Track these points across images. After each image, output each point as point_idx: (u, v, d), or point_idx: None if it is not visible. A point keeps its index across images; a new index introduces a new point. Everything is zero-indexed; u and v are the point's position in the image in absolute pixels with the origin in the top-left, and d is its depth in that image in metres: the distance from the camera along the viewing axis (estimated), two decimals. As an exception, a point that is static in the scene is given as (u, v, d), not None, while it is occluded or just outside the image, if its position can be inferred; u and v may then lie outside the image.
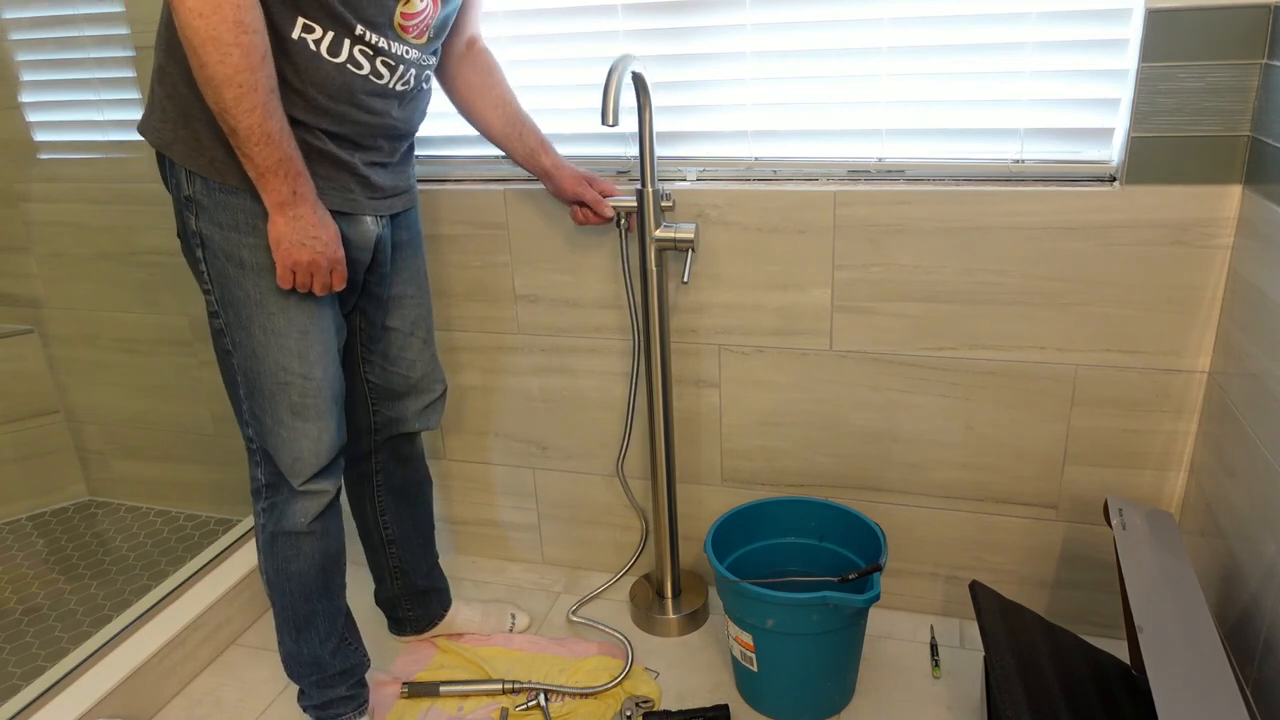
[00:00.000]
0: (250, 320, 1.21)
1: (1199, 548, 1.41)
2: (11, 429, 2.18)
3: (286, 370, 1.23)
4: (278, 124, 1.09)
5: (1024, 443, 1.53)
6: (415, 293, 1.43)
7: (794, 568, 1.63)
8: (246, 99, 1.05)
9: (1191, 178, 1.31)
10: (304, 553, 1.34)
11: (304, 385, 1.24)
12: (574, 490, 1.84)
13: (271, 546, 1.33)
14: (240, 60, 1.03)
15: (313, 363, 1.24)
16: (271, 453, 1.28)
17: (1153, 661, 1.03)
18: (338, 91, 1.16)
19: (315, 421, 1.26)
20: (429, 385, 1.49)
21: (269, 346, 1.22)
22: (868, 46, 1.41)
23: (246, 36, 1.03)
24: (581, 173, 1.51)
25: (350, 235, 1.26)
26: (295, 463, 1.27)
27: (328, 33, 1.12)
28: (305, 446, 1.27)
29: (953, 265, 1.46)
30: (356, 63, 1.16)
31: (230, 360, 1.26)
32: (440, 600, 1.67)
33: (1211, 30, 1.24)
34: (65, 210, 2.01)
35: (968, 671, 1.56)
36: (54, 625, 1.81)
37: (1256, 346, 1.23)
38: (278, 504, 1.31)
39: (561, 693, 1.53)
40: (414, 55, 1.22)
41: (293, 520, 1.31)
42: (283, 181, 1.11)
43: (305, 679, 1.42)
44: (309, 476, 1.29)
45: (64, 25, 1.81)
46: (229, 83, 1.04)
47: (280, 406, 1.24)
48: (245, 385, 1.26)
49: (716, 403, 1.67)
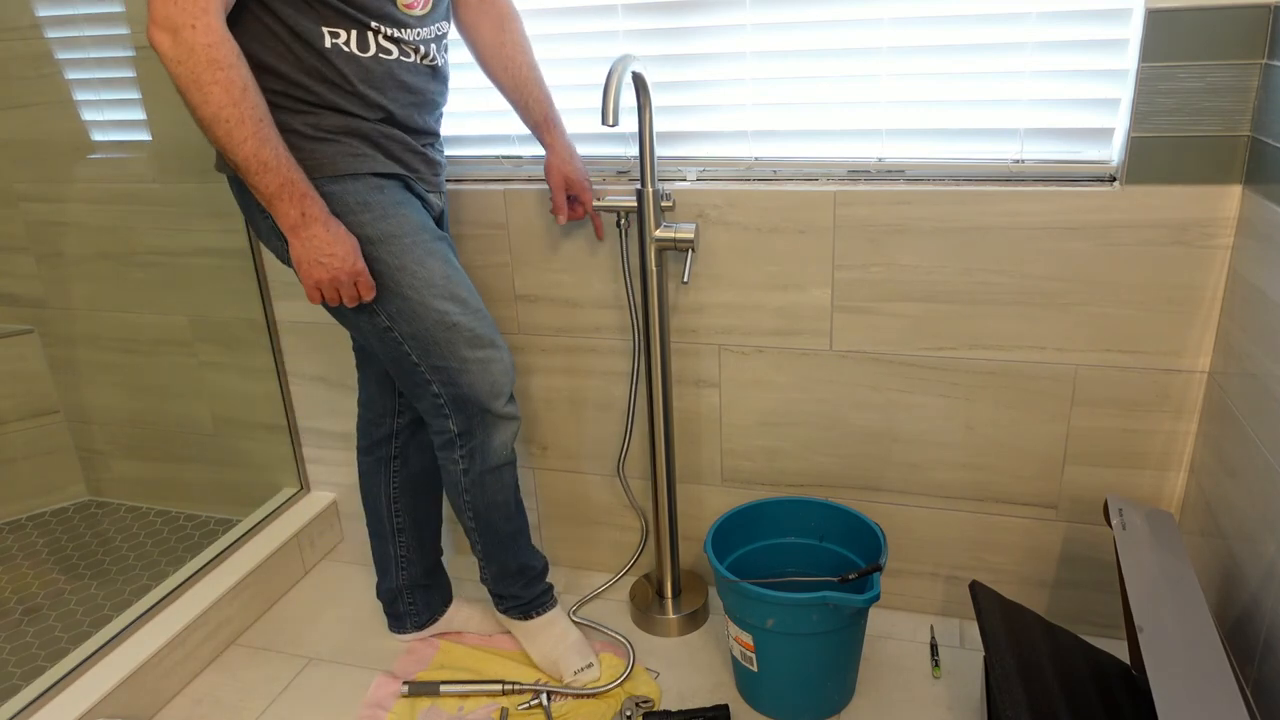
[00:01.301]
0: (399, 285, 1.28)
1: (1199, 548, 1.41)
2: (11, 429, 2.18)
3: (448, 314, 1.32)
4: (272, 151, 1.14)
5: (1024, 443, 1.53)
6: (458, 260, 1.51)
7: (794, 568, 1.63)
8: (236, 132, 1.11)
9: (1191, 178, 1.31)
10: (506, 483, 1.46)
11: (468, 318, 1.34)
12: (574, 490, 1.84)
13: (480, 486, 1.44)
14: (221, 96, 1.09)
15: (465, 298, 1.34)
16: (467, 393, 1.36)
17: (1153, 661, 1.03)
18: (382, 81, 1.24)
19: (491, 346, 1.37)
20: None
21: (425, 300, 1.30)
22: (868, 46, 1.41)
23: (223, 72, 1.08)
24: (573, 169, 1.50)
25: (428, 199, 1.38)
26: (493, 387, 1.37)
27: (351, 32, 1.20)
28: (496, 369, 1.37)
29: (953, 265, 1.46)
30: (385, 49, 1.23)
31: (391, 335, 1.32)
32: (442, 596, 1.68)
33: (1211, 30, 1.24)
34: (65, 210, 2.01)
35: (968, 671, 1.56)
36: (54, 625, 1.81)
37: (1256, 346, 1.23)
38: (475, 448, 1.41)
39: (564, 693, 1.53)
40: (426, 31, 1.28)
41: (497, 455, 1.43)
42: (290, 205, 1.17)
43: (516, 585, 1.55)
44: (510, 395, 1.40)
45: (64, 25, 1.81)
46: (216, 120, 1.10)
47: (460, 346, 1.33)
48: (418, 347, 1.33)
49: (716, 403, 1.67)
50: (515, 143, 1.64)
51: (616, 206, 1.55)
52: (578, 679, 1.55)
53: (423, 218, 1.32)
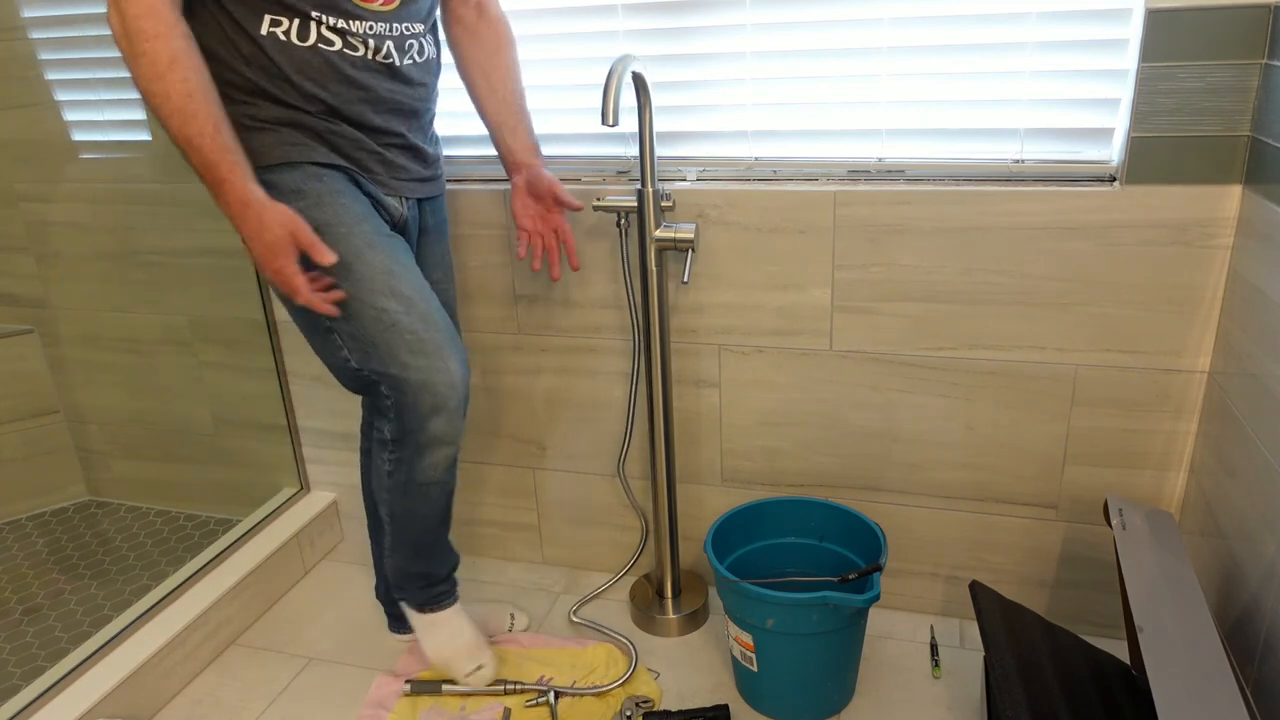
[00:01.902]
0: (336, 278, 1.21)
1: (1199, 548, 1.41)
2: (11, 429, 2.18)
3: (387, 312, 1.22)
4: (198, 128, 1.09)
5: (1024, 443, 1.53)
6: (441, 279, 1.47)
7: (794, 568, 1.63)
8: (162, 107, 1.08)
9: (1191, 178, 1.31)
10: (432, 499, 1.37)
11: (411, 321, 1.23)
12: (574, 490, 1.84)
13: (403, 491, 1.35)
14: (146, 69, 1.06)
15: (411, 297, 1.24)
16: (410, 401, 1.26)
17: (1153, 661, 1.03)
18: (320, 73, 1.19)
19: (437, 355, 1.25)
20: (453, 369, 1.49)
21: (363, 296, 1.22)
22: (868, 46, 1.41)
23: (148, 44, 1.05)
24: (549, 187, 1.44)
25: (384, 201, 1.31)
26: (435, 401, 1.26)
27: (292, 21, 1.16)
28: (440, 381, 1.26)
29: (953, 265, 1.46)
30: (327, 41, 1.18)
31: (331, 338, 1.26)
32: None
33: (1211, 30, 1.24)
34: (65, 210, 2.01)
35: (968, 671, 1.56)
36: (54, 625, 1.81)
37: (1256, 346, 1.23)
38: (404, 460, 1.33)
39: (568, 693, 1.53)
40: (383, 27, 1.21)
41: (423, 473, 1.33)
42: (216, 189, 1.13)
43: (413, 584, 1.48)
44: (453, 415, 1.28)
45: (64, 25, 1.81)
46: (146, 94, 1.08)
47: (399, 350, 1.24)
48: (358, 349, 1.25)
49: (716, 403, 1.67)
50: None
51: (616, 206, 1.54)
52: (470, 680, 1.52)
53: (366, 210, 1.25)
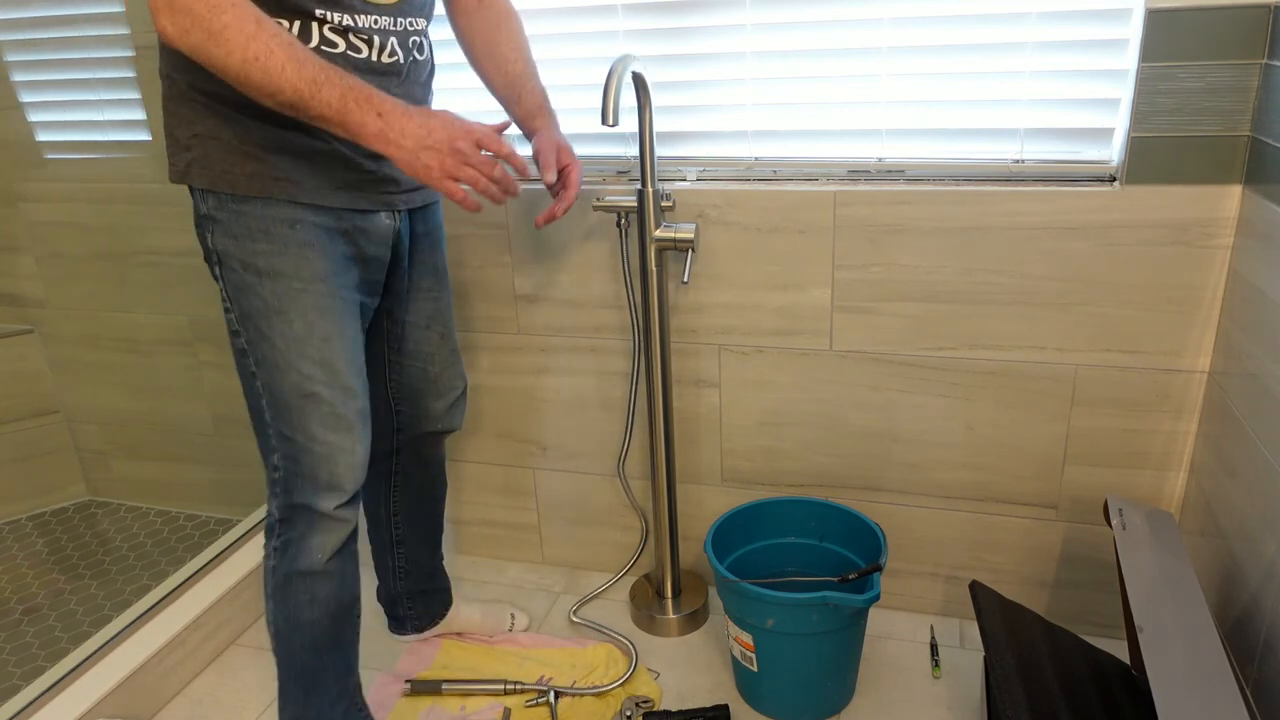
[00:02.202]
0: (271, 330, 1.15)
1: (1199, 548, 1.41)
2: (11, 429, 2.18)
3: (311, 380, 1.16)
4: (316, 66, 1.01)
5: (1024, 443, 1.53)
6: (432, 286, 1.39)
7: (794, 568, 1.63)
8: (271, 66, 0.99)
9: (1191, 178, 1.31)
10: (319, 598, 1.25)
11: (332, 395, 1.18)
12: (574, 490, 1.84)
13: (284, 591, 1.25)
14: (238, 36, 0.97)
15: (340, 371, 1.18)
16: (302, 476, 1.20)
17: (1153, 661, 1.03)
18: None
19: (348, 433, 1.20)
20: (450, 381, 1.46)
21: (291, 355, 1.15)
22: (868, 46, 1.41)
23: (228, 14, 0.97)
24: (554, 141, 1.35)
25: (370, 233, 1.23)
26: (330, 480, 1.20)
27: (293, 23, 1.07)
28: (341, 460, 1.20)
29: (953, 265, 1.46)
30: (330, 43, 1.10)
31: (254, 383, 1.19)
32: (442, 600, 1.67)
33: (1211, 30, 1.24)
34: (65, 210, 2.01)
35: (968, 671, 1.56)
36: (54, 625, 1.81)
37: (1256, 346, 1.23)
38: (292, 540, 1.23)
39: (568, 693, 1.53)
40: (387, 22, 1.14)
41: (309, 558, 1.22)
42: (363, 113, 1.03)
43: None
44: (347, 497, 1.22)
45: (64, 25, 1.81)
46: (248, 64, 0.98)
47: (310, 420, 1.17)
48: (271, 405, 1.18)
49: (716, 403, 1.67)
50: (515, 143, 1.64)
51: (616, 206, 1.55)
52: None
53: (332, 267, 1.17)
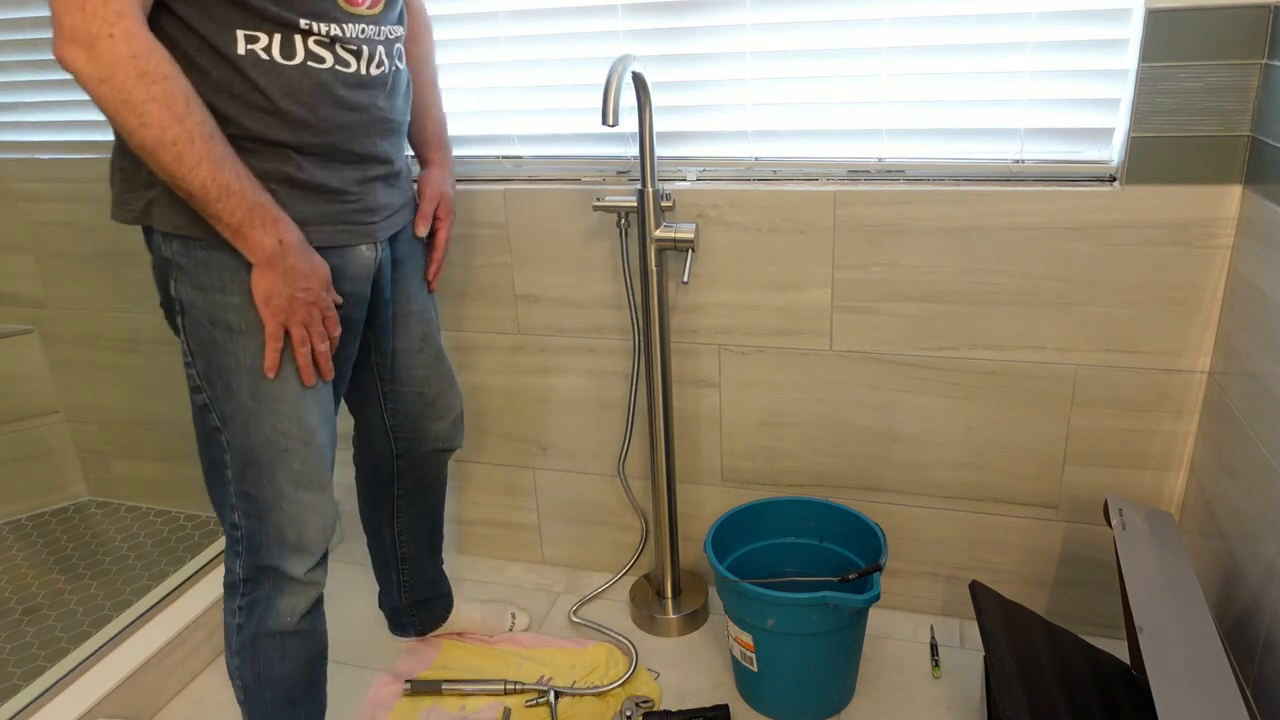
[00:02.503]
0: (241, 388, 1.08)
1: (1199, 548, 1.41)
2: (11, 429, 2.18)
3: (286, 436, 1.11)
4: (232, 171, 0.97)
5: (1024, 443, 1.53)
6: (423, 307, 1.35)
7: (794, 568, 1.63)
8: (187, 155, 0.94)
9: (1191, 178, 1.31)
10: (289, 653, 1.19)
11: (305, 452, 1.13)
12: (574, 490, 1.84)
13: (252, 649, 1.19)
14: (161, 114, 0.92)
15: (314, 427, 1.13)
16: (268, 536, 1.15)
17: (1153, 661, 1.03)
18: (312, 95, 1.04)
19: (320, 491, 1.16)
20: (448, 401, 1.43)
21: (263, 414, 1.09)
22: (868, 46, 1.41)
23: (158, 86, 0.91)
24: (448, 191, 1.37)
25: (347, 269, 1.15)
26: (300, 540, 1.15)
27: (274, 36, 1.00)
28: (312, 521, 1.15)
29: (953, 265, 1.46)
30: (317, 57, 1.04)
31: (218, 438, 1.12)
32: (443, 605, 1.66)
33: (1211, 30, 1.24)
34: (65, 210, 2.01)
35: (968, 671, 1.56)
36: (54, 625, 1.81)
37: (1256, 346, 1.23)
38: (259, 601, 1.17)
39: (569, 693, 1.53)
40: (373, 31, 1.09)
41: (277, 619, 1.17)
42: (263, 232, 1.00)
43: None
44: (316, 560, 1.17)
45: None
46: (160, 145, 0.93)
47: (281, 478, 1.12)
48: (237, 462, 1.12)
49: (716, 403, 1.67)
50: (515, 143, 1.64)
51: (616, 206, 1.55)
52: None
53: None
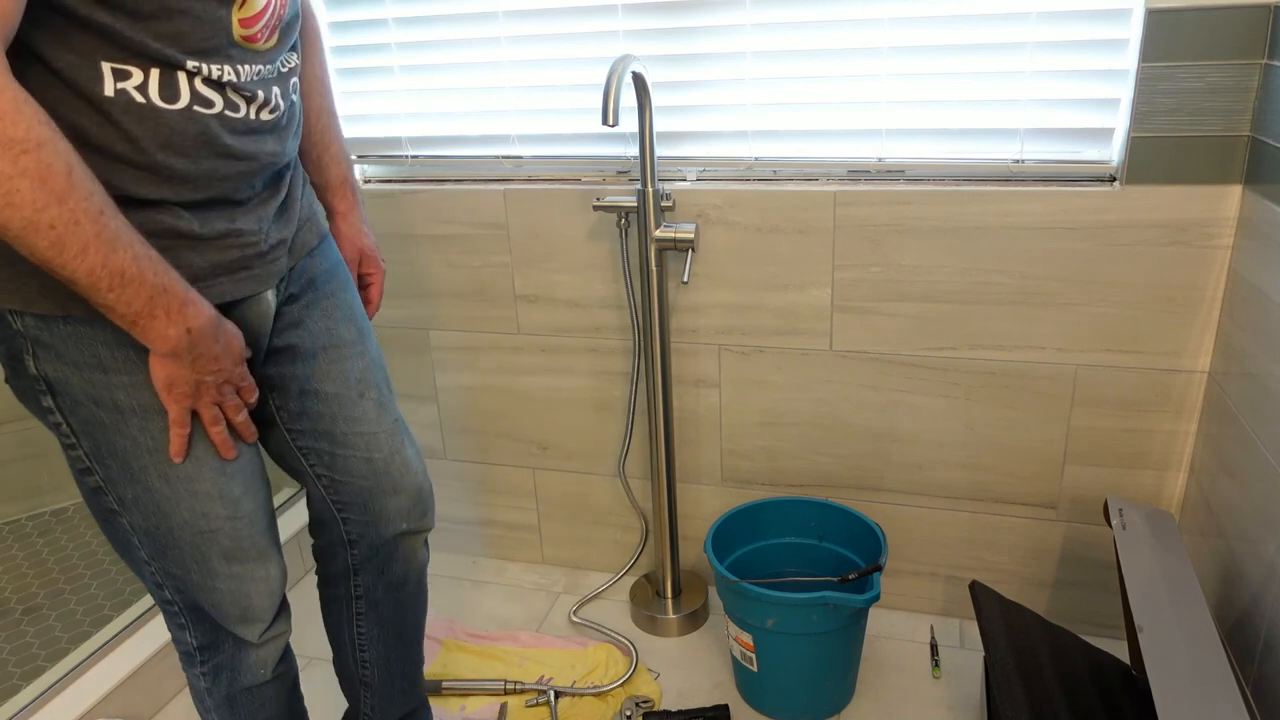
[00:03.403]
0: (146, 471, 0.93)
1: (1199, 548, 1.41)
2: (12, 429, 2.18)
3: (207, 517, 0.97)
4: (127, 253, 0.78)
5: (1024, 443, 1.53)
6: (354, 338, 1.09)
7: (794, 568, 1.63)
8: (70, 240, 0.75)
9: (1191, 178, 1.31)
10: (269, 700, 1.12)
11: (234, 526, 0.99)
12: (574, 490, 1.84)
13: (229, 709, 1.10)
14: (34, 192, 0.72)
15: (238, 498, 0.99)
16: (210, 611, 1.03)
17: (1153, 661, 1.03)
18: (194, 145, 0.86)
19: (257, 561, 1.02)
20: (403, 465, 1.13)
21: (178, 497, 0.95)
22: (868, 46, 1.41)
23: (30, 157, 0.72)
24: (367, 243, 1.19)
25: (252, 323, 0.98)
26: (245, 613, 1.03)
27: (150, 73, 0.81)
28: (256, 590, 1.03)
29: (952, 265, 1.46)
30: (205, 101, 0.85)
31: (118, 520, 0.98)
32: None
33: (1211, 30, 1.24)
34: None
35: (968, 671, 1.56)
36: (54, 625, 1.81)
37: (1256, 346, 1.23)
38: (223, 665, 1.08)
39: (569, 693, 1.53)
40: (270, 70, 0.91)
41: (250, 675, 1.09)
42: (167, 323, 0.83)
43: None
44: (270, 620, 1.06)
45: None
46: (34, 228, 0.74)
47: (210, 556, 0.99)
48: (150, 545, 0.98)
49: (716, 403, 1.67)
50: (515, 143, 1.64)
51: (616, 206, 1.55)
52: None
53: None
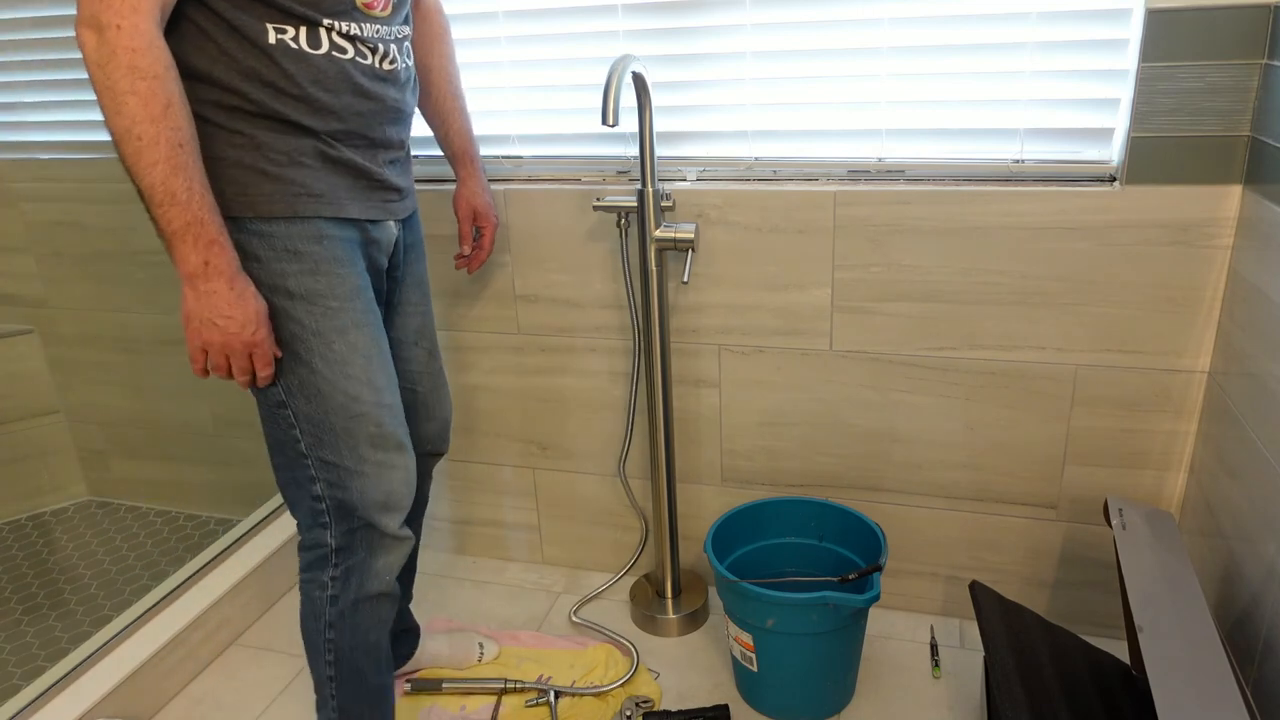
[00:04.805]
0: (310, 354, 1.11)
1: (1199, 548, 1.41)
2: (11, 429, 2.18)
3: (359, 400, 1.13)
4: (185, 182, 0.98)
5: (1024, 443, 1.53)
6: (419, 300, 1.35)
7: (794, 568, 1.63)
8: (146, 153, 0.96)
9: (1191, 178, 1.31)
10: (384, 618, 1.22)
11: (379, 413, 1.15)
12: (574, 490, 1.84)
13: (352, 618, 1.20)
14: (136, 109, 0.95)
15: (382, 388, 1.16)
16: (356, 500, 1.16)
17: (1153, 661, 1.03)
18: (336, 81, 1.09)
19: (397, 451, 1.18)
20: (439, 402, 1.40)
21: (335, 378, 1.12)
22: (868, 46, 1.41)
23: (144, 83, 0.95)
24: (482, 202, 1.44)
25: (380, 240, 1.21)
26: (389, 499, 1.18)
27: (300, 28, 1.05)
28: (396, 478, 1.18)
29: (953, 265, 1.46)
30: (340, 49, 1.09)
31: (284, 413, 1.14)
32: (409, 640, 1.57)
33: (1211, 30, 1.24)
34: (65, 210, 2.01)
35: (968, 671, 1.56)
36: (54, 625, 1.81)
37: (1256, 346, 1.23)
38: (354, 567, 1.19)
39: (568, 693, 1.53)
40: (385, 31, 1.14)
41: (378, 580, 1.20)
42: (192, 249, 1.00)
43: None
44: (405, 514, 1.20)
45: (64, 25, 1.81)
46: (127, 136, 0.96)
47: (360, 442, 1.15)
48: (311, 432, 1.14)
49: (716, 403, 1.67)
50: (515, 143, 1.64)
51: (616, 206, 1.55)
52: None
53: (361, 282, 1.15)
